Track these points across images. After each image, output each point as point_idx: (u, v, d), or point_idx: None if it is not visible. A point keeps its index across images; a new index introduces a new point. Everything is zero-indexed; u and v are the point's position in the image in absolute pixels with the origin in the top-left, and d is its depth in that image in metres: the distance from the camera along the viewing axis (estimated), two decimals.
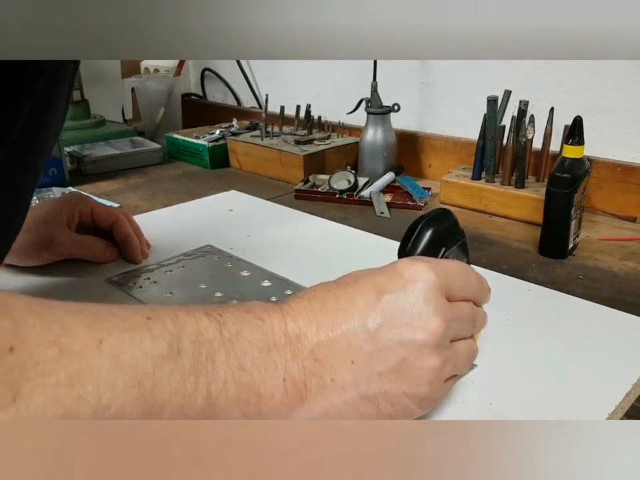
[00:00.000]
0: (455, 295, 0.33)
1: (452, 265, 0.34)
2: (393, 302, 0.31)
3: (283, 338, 0.29)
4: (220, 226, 0.72)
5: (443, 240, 0.36)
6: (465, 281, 0.34)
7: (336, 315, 0.30)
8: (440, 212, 0.38)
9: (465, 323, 0.33)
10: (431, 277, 0.31)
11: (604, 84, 0.76)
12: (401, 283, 0.31)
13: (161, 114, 1.19)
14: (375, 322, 0.30)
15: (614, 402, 0.38)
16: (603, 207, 0.77)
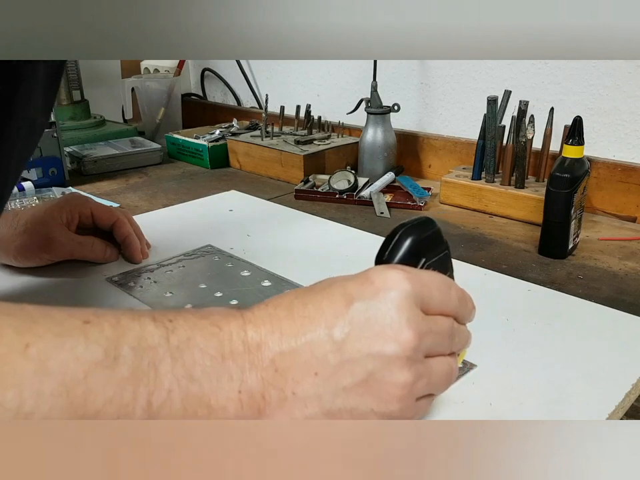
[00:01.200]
0: (432, 308, 0.31)
1: (430, 277, 0.31)
2: (363, 311, 0.28)
3: (241, 346, 0.27)
4: (220, 226, 0.72)
5: (424, 250, 0.34)
6: (444, 294, 0.31)
7: (302, 322, 0.28)
8: (422, 220, 0.35)
9: (441, 338, 0.31)
10: (405, 286, 0.29)
11: (604, 84, 0.76)
12: (372, 291, 0.29)
13: (161, 114, 1.19)
14: (342, 331, 0.28)
15: (614, 402, 0.38)
16: (602, 207, 0.77)
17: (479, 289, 0.54)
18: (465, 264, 0.60)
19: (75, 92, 1.13)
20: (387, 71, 0.97)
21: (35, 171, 0.87)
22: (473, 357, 0.43)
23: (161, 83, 1.20)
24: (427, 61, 0.93)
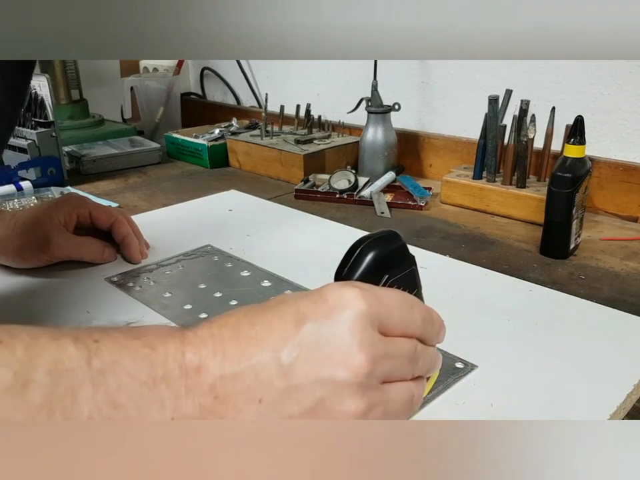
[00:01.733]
0: (392, 330, 0.29)
1: (392, 295, 0.29)
2: (314, 332, 0.26)
3: (177, 370, 0.25)
4: (220, 226, 0.71)
5: (387, 266, 0.32)
6: (405, 314, 0.29)
7: (247, 344, 0.26)
8: (387, 234, 0.33)
9: (401, 361, 0.29)
10: (360, 305, 0.27)
11: (605, 83, 0.75)
12: (325, 310, 0.27)
13: (160, 113, 1.19)
14: (290, 354, 0.26)
15: (615, 403, 0.38)
16: (604, 207, 0.77)
17: (480, 289, 0.54)
18: (466, 264, 0.60)
19: (73, 91, 1.12)
20: (387, 70, 0.97)
21: (33, 171, 0.87)
22: (474, 357, 0.43)
23: (160, 82, 1.20)
24: (427, 60, 0.93)
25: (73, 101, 1.13)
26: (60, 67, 1.10)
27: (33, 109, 0.89)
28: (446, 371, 0.41)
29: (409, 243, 0.72)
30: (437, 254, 0.62)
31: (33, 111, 0.89)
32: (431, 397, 0.38)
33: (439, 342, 0.33)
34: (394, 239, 0.33)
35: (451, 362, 0.42)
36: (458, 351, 0.43)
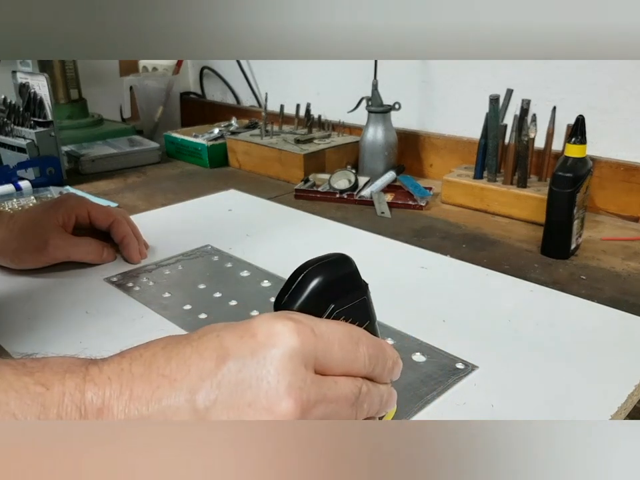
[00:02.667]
0: (332, 369, 0.26)
1: (334, 328, 0.26)
2: (236, 372, 0.23)
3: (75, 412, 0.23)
4: (219, 226, 0.71)
5: (334, 294, 0.28)
6: (349, 350, 0.26)
7: (159, 384, 0.23)
8: (336, 258, 0.30)
9: (341, 405, 0.26)
10: (292, 341, 0.24)
11: (606, 83, 0.75)
12: (251, 347, 0.24)
13: (160, 113, 1.19)
14: (207, 398, 0.23)
15: (616, 403, 0.37)
16: (605, 207, 0.76)
17: (481, 290, 0.54)
18: (467, 264, 0.59)
19: (72, 90, 1.12)
20: (387, 69, 0.96)
21: (32, 171, 0.87)
22: (474, 358, 0.43)
23: (159, 81, 1.19)
24: (428, 59, 0.93)
25: (72, 100, 1.13)
26: (59, 66, 1.10)
27: (32, 109, 0.89)
28: (446, 371, 0.41)
29: (409, 243, 0.71)
30: (437, 254, 0.62)
31: (32, 110, 0.89)
32: (431, 397, 0.38)
33: (392, 379, 0.30)
34: (343, 263, 0.30)
35: (452, 362, 0.42)
36: (458, 352, 0.43)
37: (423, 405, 0.37)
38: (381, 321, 0.48)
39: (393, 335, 0.46)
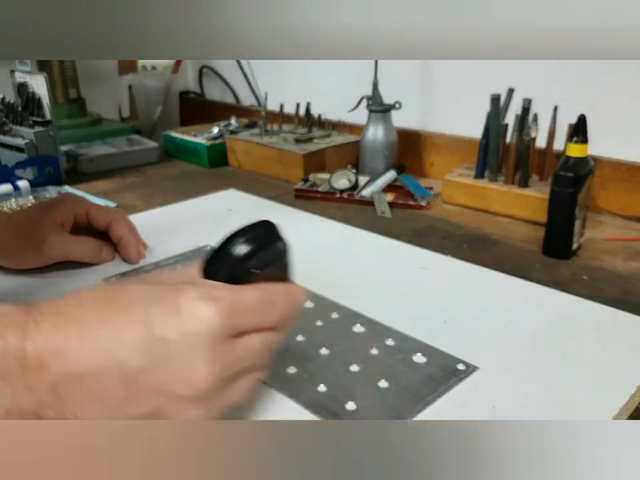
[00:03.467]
0: (247, 328, 0.30)
1: (251, 296, 0.30)
2: (162, 345, 0.27)
3: (16, 366, 0.25)
4: (219, 225, 0.71)
5: (258, 261, 0.32)
6: (262, 312, 0.31)
7: (92, 348, 0.26)
8: (260, 227, 0.33)
9: (250, 358, 0.31)
10: (213, 322, 0.28)
11: (608, 83, 0.75)
12: (176, 323, 0.27)
13: (159, 112, 1.18)
14: (134, 365, 0.27)
15: (618, 404, 0.37)
16: (607, 207, 0.76)
17: (482, 290, 0.54)
18: (468, 264, 0.59)
19: (71, 90, 1.12)
20: (388, 68, 0.96)
21: (30, 170, 0.87)
22: (475, 359, 0.42)
23: (158, 80, 1.19)
24: (428, 59, 0.93)
25: (71, 99, 1.12)
26: (57, 65, 1.09)
27: (31, 108, 0.88)
28: (447, 372, 0.41)
29: (410, 243, 0.71)
30: (438, 254, 0.62)
31: (31, 109, 0.88)
32: (432, 398, 0.38)
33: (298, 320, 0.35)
34: (269, 233, 0.34)
35: (452, 363, 0.42)
36: (459, 353, 0.43)
37: (424, 406, 0.37)
38: (381, 321, 0.48)
39: (394, 336, 0.45)
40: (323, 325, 0.47)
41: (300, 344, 0.44)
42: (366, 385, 0.39)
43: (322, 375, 0.40)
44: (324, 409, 0.37)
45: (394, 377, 0.40)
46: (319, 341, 0.45)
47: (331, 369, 0.41)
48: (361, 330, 0.46)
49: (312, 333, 0.46)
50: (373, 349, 0.43)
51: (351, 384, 0.39)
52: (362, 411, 0.37)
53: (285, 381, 0.40)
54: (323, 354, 0.43)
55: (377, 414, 0.37)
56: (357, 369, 0.41)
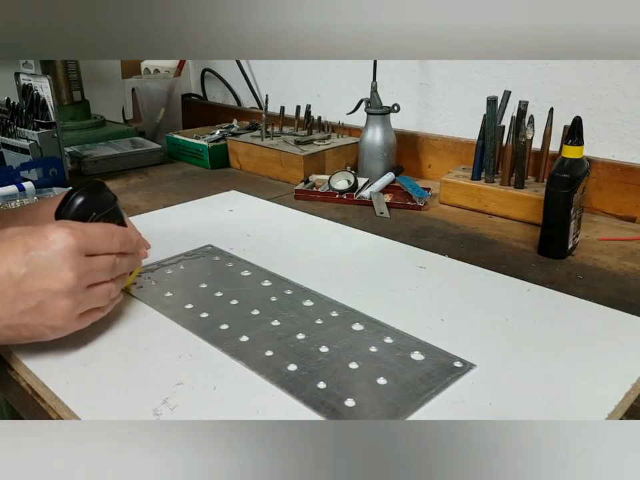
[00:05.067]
0: (97, 251, 0.42)
1: (95, 228, 0.43)
2: (37, 258, 0.39)
3: None
4: (220, 226, 0.72)
5: (94, 207, 0.45)
6: (105, 241, 0.43)
7: None
8: (93, 184, 0.46)
9: (101, 272, 0.42)
10: (70, 240, 0.40)
11: (603, 84, 0.76)
12: (45, 244, 0.39)
13: (161, 114, 1.19)
14: (19, 272, 0.38)
15: (613, 402, 0.38)
16: (602, 207, 0.77)
17: (479, 289, 0.54)
18: (465, 264, 0.60)
19: (75, 92, 1.13)
20: (386, 71, 0.97)
21: (35, 172, 0.88)
22: (472, 356, 0.43)
23: (161, 83, 1.20)
24: (426, 61, 0.93)
25: (75, 102, 1.13)
26: (62, 68, 1.10)
27: (35, 110, 0.89)
28: (445, 370, 0.42)
29: (408, 243, 0.72)
30: (435, 254, 0.63)
31: (35, 111, 0.89)
32: (429, 396, 0.39)
33: (137, 250, 0.48)
34: (99, 187, 0.46)
35: (450, 361, 0.43)
36: (456, 350, 0.44)
37: (422, 403, 0.38)
38: (379, 319, 0.48)
39: (392, 334, 0.46)
40: (322, 323, 0.48)
41: (300, 342, 0.45)
42: (365, 382, 0.40)
43: (322, 372, 0.41)
44: (323, 405, 0.38)
45: (392, 374, 0.41)
46: (318, 339, 0.45)
47: (330, 367, 0.42)
48: (360, 328, 0.47)
49: (312, 331, 0.47)
50: (371, 347, 0.44)
51: (350, 381, 0.40)
52: (361, 407, 0.38)
53: (286, 378, 0.41)
54: (323, 351, 0.44)
55: (375, 410, 0.37)
56: (356, 366, 0.42)
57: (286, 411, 0.37)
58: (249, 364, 0.42)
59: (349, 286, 0.55)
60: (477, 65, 0.88)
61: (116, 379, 0.41)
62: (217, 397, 0.39)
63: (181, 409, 0.38)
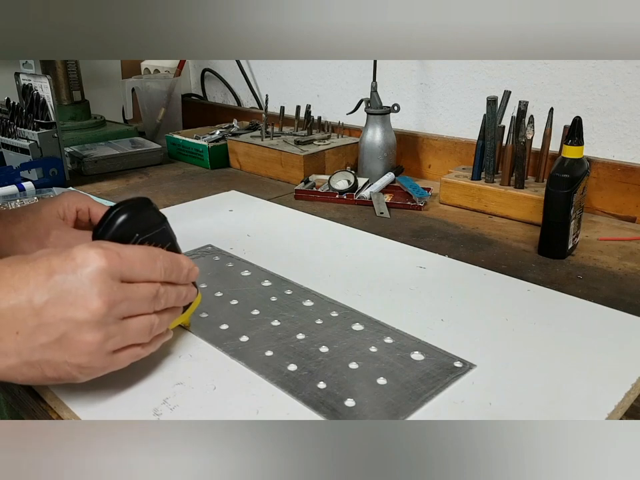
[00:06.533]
0: (135, 278, 0.36)
1: (136, 250, 0.37)
2: (62, 282, 0.34)
3: None
4: (220, 226, 0.72)
5: (137, 227, 0.39)
6: (147, 265, 0.37)
7: (7, 290, 0.33)
8: (137, 200, 0.40)
9: (140, 302, 0.36)
10: (100, 263, 0.34)
11: (603, 84, 0.76)
12: (72, 267, 0.34)
13: (161, 114, 1.19)
14: (41, 299, 0.33)
15: (613, 402, 0.38)
16: (602, 207, 0.77)
17: (479, 289, 0.54)
18: (465, 264, 0.60)
19: (75, 92, 1.13)
20: (386, 71, 0.97)
21: (35, 172, 0.88)
22: (472, 356, 0.43)
23: (161, 83, 1.20)
24: (426, 61, 0.93)
25: (75, 102, 1.13)
26: (62, 68, 1.10)
27: (35, 110, 0.89)
28: (445, 370, 0.42)
29: (408, 243, 0.72)
30: (435, 254, 0.63)
31: (35, 111, 0.89)
32: (429, 395, 0.39)
33: (189, 281, 0.41)
34: (144, 204, 0.40)
35: (450, 361, 0.43)
36: (456, 350, 0.44)
37: (421, 403, 0.38)
38: (379, 319, 0.49)
39: (392, 334, 0.46)
40: (322, 323, 0.48)
41: (300, 342, 0.45)
42: (365, 382, 0.40)
43: (322, 372, 0.41)
44: (323, 405, 0.38)
45: (392, 374, 0.41)
46: (318, 339, 0.45)
47: (330, 367, 0.42)
48: (360, 328, 0.47)
49: (312, 331, 0.47)
50: (371, 347, 0.44)
51: (350, 381, 0.40)
52: (361, 407, 0.38)
53: (286, 378, 0.41)
54: (323, 351, 0.44)
55: (375, 410, 0.37)
56: (356, 366, 0.42)
57: (286, 411, 0.37)
58: (249, 364, 0.42)
59: (348, 286, 0.55)
60: (476, 65, 0.88)
61: (116, 378, 0.41)
62: (217, 397, 0.39)
63: (180, 409, 0.38)
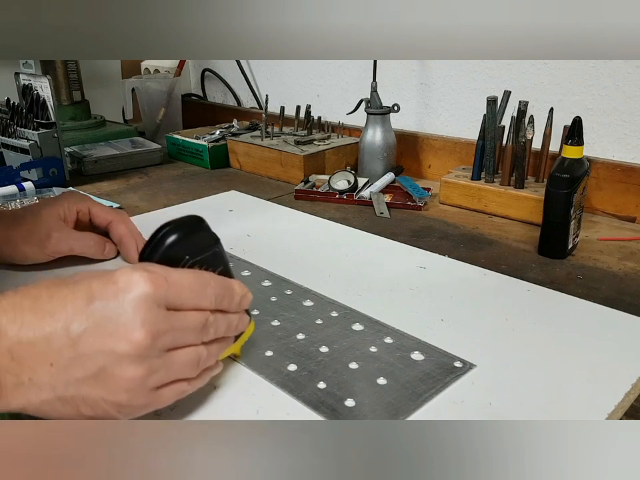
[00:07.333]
0: (182, 306, 0.33)
1: (184, 276, 0.34)
2: (102, 309, 0.30)
3: None
4: (220, 226, 0.71)
5: (187, 249, 0.36)
6: (195, 292, 0.34)
7: (43, 316, 0.30)
8: (188, 219, 0.37)
9: (187, 332, 0.33)
10: (146, 288, 0.31)
11: (603, 84, 0.76)
12: (114, 292, 0.31)
13: (161, 114, 1.19)
14: (78, 328, 0.30)
15: (614, 402, 0.38)
16: (602, 207, 0.77)
17: (479, 289, 0.54)
18: (465, 264, 0.60)
19: (75, 92, 1.13)
20: (386, 71, 0.97)
21: (35, 172, 0.88)
22: (472, 356, 0.43)
23: (161, 83, 1.20)
24: (426, 61, 0.93)
25: (75, 102, 1.13)
26: (62, 68, 1.10)
27: (35, 110, 0.89)
28: (445, 370, 0.42)
29: (408, 243, 0.72)
30: (435, 254, 0.63)
31: (35, 111, 0.89)
32: (429, 395, 0.39)
33: (242, 308, 0.38)
34: (196, 223, 0.37)
35: (450, 361, 0.43)
36: (456, 350, 0.44)
37: (421, 403, 0.38)
38: (379, 319, 0.49)
39: (392, 334, 0.46)
40: (322, 323, 0.48)
41: (300, 342, 0.45)
42: (365, 382, 0.40)
43: (322, 372, 0.41)
44: (323, 405, 0.38)
45: (392, 375, 0.41)
46: (318, 339, 0.45)
47: (330, 367, 0.42)
48: (360, 328, 0.47)
49: (312, 331, 0.47)
50: (371, 347, 0.44)
51: (350, 381, 0.40)
52: (361, 407, 0.38)
53: (286, 378, 0.41)
54: (323, 351, 0.44)
55: (375, 410, 0.37)
56: (356, 366, 0.42)
57: (286, 411, 0.37)
58: (249, 364, 0.42)
59: (348, 286, 0.55)
60: (476, 65, 0.88)
61: None
62: (216, 397, 0.39)
63: (181, 409, 0.38)
